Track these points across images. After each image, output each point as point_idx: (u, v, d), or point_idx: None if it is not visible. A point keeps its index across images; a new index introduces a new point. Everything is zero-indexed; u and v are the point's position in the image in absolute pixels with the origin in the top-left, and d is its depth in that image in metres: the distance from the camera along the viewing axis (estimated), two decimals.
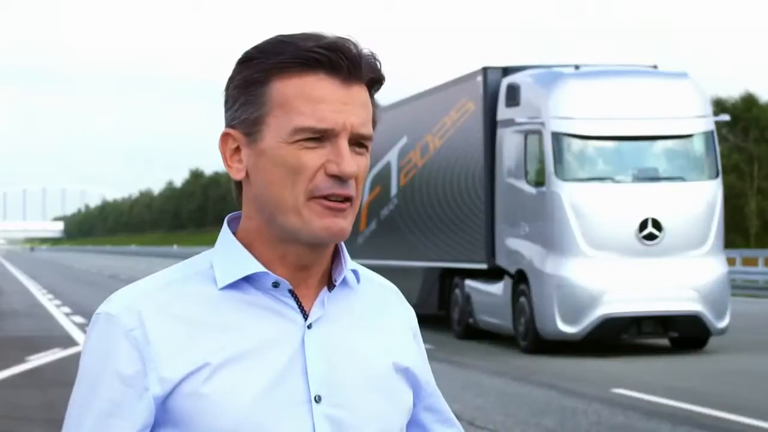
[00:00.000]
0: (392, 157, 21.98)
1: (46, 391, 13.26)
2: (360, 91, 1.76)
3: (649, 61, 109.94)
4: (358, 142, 1.76)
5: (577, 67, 17.64)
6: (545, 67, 18.11)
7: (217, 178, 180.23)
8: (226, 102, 1.80)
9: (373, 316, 1.88)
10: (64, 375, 14.40)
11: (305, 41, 1.74)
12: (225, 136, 1.80)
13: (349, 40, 1.76)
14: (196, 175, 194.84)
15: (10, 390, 13.40)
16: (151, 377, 1.72)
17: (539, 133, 16.83)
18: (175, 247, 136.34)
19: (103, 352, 1.75)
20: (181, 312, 1.76)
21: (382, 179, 22.41)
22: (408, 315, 1.95)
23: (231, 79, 1.79)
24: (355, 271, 1.86)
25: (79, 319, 24.55)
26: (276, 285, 1.78)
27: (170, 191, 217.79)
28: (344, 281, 1.84)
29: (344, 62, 1.74)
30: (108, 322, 1.76)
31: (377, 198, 22.64)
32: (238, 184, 1.81)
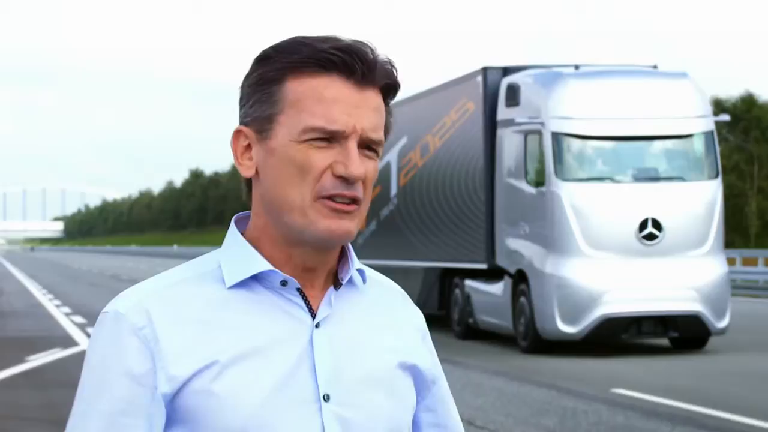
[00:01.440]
0: (392, 157, 21.99)
1: (46, 391, 13.26)
2: (373, 96, 1.77)
3: (648, 61, 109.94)
4: (367, 146, 1.76)
5: (577, 67, 17.65)
6: (545, 67, 18.11)
7: (217, 178, 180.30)
8: (241, 99, 1.81)
9: (379, 315, 1.88)
10: (64, 375, 14.41)
11: (322, 43, 1.75)
12: (237, 133, 1.81)
13: (366, 44, 1.77)
14: (196, 175, 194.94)
15: (10, 390, 13.40)
16: (159, 376, 1.72)
17: (539, 133, 16.83)
18: (175, 247, 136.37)
19: (112, 351, 1.74)
20: (189, 311, 1.76)
21: (382, 179, 22.39)
22: (415, 316, 1.95)
23: (247, 77, 1.80)
24: (361, 271, 1.86)
25: (79, 319, 24.54)
26: (284, 283, 1.78)
27: (170, 191, 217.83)
28: (350, 281, 1.85)
29: (359, 66, 1.74)
30: (116, 320, 1.76)
31: (377, 198, 22.64)
32: (249, 183, 1.82)
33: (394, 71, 1.79)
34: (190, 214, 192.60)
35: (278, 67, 1.76)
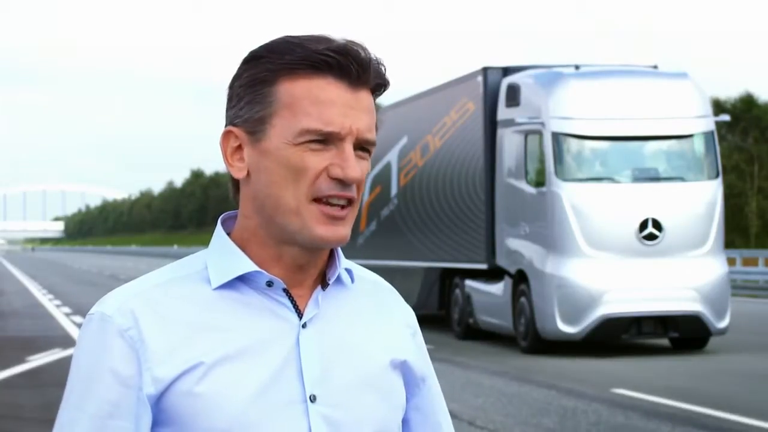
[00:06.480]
0: (392, 157, 21.98)
1: (45, 391, 13.25)
2: (366, 96, 1.76)
3: (648, 61, 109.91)
4: (362, 146, 1.76)
5: (577, 67, 17.64)
6: (545, 67, 18.11)
7: (217, 178, 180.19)
8: (230, 100, 1.79)
9: (368, 314, 1.87)
10: (64, 375, 14.36)
11: (315, 44, 1.74)
12: (227, 134, 1.79)
13: (359, 44, 1.76)
14: (196, 175, 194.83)
15: (10, 390, 13.40)
16: (145, 377, 1.72)
17: (539, 133, 16.83)
18: (175, 247, 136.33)
19: (98, 353, 1.74)
20: (175, 312, 1.75)
21: (382, 179, 22.41)
22: (405, 313, 1.94)
23: (237, 77, 1.78)
24: (349, 270, 1.86)
25: (79, 319, 24.54)
26: (270, 284, 1.77)
27: (170, 191, 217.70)
28: (338, 280, 1.84)
29: (354, 67, 1.73)
30: (102, 322, 1.76)
31: (377, 198, 22.64)
32: (236, 183, 1.80)
33: (384, 70, 1.78)
34: (190, 214, 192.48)
35: (271, 68, 1.74)
